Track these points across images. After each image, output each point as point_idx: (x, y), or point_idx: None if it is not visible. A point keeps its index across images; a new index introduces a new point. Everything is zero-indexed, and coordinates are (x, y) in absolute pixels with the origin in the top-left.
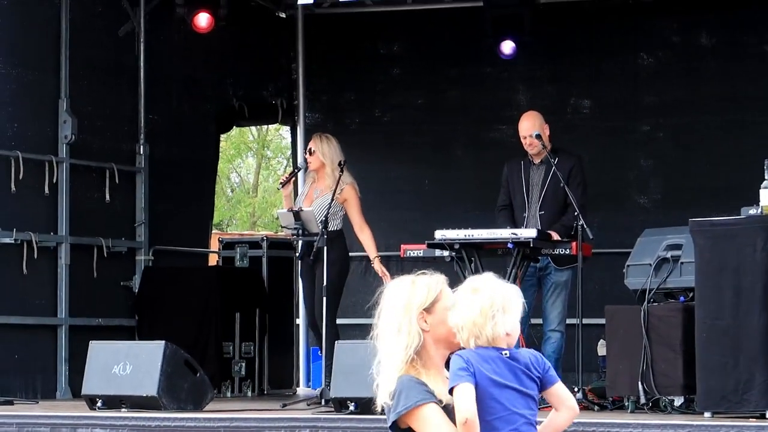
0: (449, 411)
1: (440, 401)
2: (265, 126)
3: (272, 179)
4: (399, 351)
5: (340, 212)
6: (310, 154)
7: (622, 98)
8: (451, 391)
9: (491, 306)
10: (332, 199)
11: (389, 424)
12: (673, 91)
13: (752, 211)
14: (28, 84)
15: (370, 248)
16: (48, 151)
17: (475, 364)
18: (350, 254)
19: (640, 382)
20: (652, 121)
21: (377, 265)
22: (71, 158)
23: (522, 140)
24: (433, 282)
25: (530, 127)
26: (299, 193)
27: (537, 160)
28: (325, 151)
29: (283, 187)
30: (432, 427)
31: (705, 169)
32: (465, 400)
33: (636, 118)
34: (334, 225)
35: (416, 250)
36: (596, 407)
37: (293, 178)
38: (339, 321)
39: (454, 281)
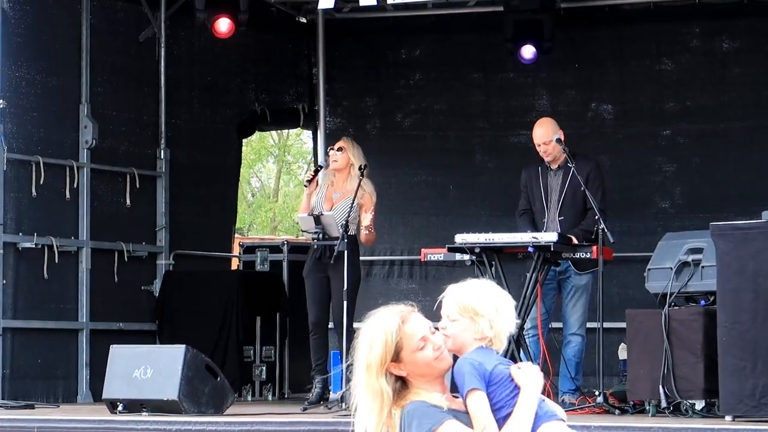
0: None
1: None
2: (286, 131)
3: (293, 184)
4: (373, 412)
5: (357, 218)
6: (340, 151)
7: (644, 104)
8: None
9: (508, 304)
10: (352, 203)
11: None
12: (695, 96)
13: None
14: (52, 89)
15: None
16: (71, 156)
17: (485, 365)
18: (372, 258)
19: (661, 386)
20: (675, 127)
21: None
22: (92, 163)
23: (537, 148)
24: (390, 332)
25: (545, 133)
26: (317, 194)
27: (554, 166)
28: (355, 153)
29: (309, 184)
30: None
31: (727, 174)
32: (481, 411)
33: (658, 124)
34: (351, 230)
35: (437, 255)
36: (617, 411)
37: (317, 176)
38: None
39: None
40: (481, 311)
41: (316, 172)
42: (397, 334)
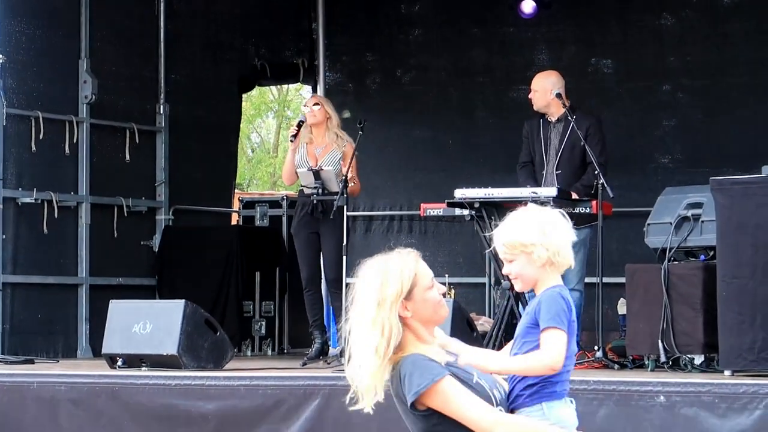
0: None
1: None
2: (286, 86)
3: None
4: (380, 348)
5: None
6: (317, 106)
7: (645, 59)
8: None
9: (553, 218)
10: (351, 159)
11: (408, 405)
12: (696, 52)
13: None
14: (52, 45)
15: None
16: (71, 111)
17: (572, 314)
18: (372, 213)
19: (660, 341)
20: (675, 82)
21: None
22: (92, 118)
23: (532, 94)
24: (406, 267)
25: (536, 81)
26: (299, 152)
27: (553, 119)
28: (330, 107)
29: (294, 139)
30: (457, 399)
31: (728, 130)
32: (560, 350)
33: (659, 79)
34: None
35: (436, 209)
36: (616, 366)
37: (300, 131)
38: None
39: (474, 240)
40: (528, 241)
41: (299, 126)
42: (414, 270)
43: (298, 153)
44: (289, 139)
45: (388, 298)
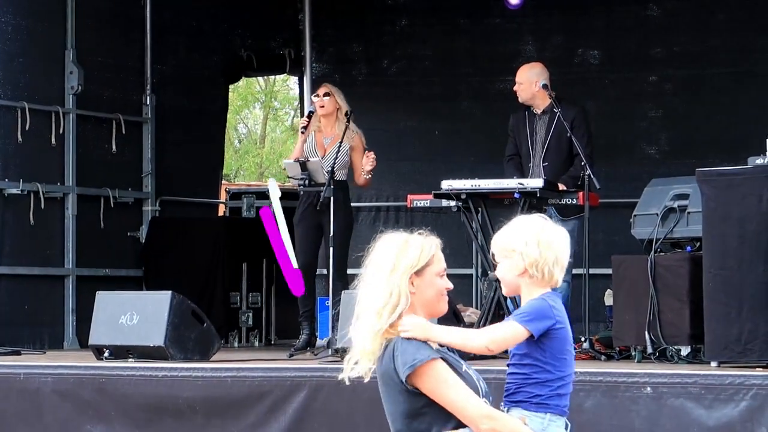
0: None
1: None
2: (272, 77)
3: (279, 130)
4: (384, 311)
5: (348, 162)
6: (327, 96)
7: (630, 49)
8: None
9: (545, 234)
10: (339, 147)
11: (404, 378)
12: (682, 42)
13: (759, 161)
14: (38, 35)
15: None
16: (57, 101)
17: (556, 325)
18: (359, 204)
19: (647, 332)
20: (661, 73)
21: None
22: (78, 109)
23: (516, 86)
24: (427, 244)
25: (520, 74)
26: (306, 142)
27: (539, 111)
28: (341, 97)
29: (305, 130)
30: (448, 382)
31: (714, 120)
32: (504, 335)
33: (644, 70)
34: (342, 175)
35: (423, 201)
36: (603, 357)
37: (310, 122)
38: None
39: (460, 231)
40: (510, 246)
41: (310, 117)
42: (433, 251)
43: (306, 142)
44: (300, 131)
45: (402, 265)
